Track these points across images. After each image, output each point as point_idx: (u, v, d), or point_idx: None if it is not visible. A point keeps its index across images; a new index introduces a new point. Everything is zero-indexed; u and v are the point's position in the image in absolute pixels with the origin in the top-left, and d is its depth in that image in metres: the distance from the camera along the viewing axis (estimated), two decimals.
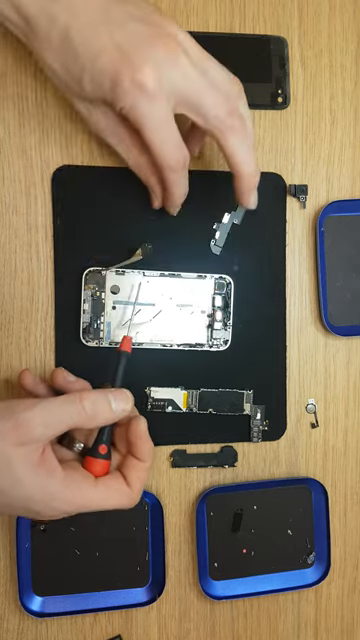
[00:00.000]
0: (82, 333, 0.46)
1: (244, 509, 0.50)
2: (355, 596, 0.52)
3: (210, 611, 0.50)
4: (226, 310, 0.48)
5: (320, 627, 0.52)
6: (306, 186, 0.50)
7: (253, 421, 0.49)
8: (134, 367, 0.46)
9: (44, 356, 0.47)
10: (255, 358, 0.49)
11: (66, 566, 0.48)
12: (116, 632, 0.49)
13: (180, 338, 0.48)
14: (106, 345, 0.47)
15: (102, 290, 0.46)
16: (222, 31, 0.49)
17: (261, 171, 0.49)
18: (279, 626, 0.51)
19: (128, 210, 0.47)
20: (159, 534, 0.48)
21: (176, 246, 0.48)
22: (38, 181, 0.47)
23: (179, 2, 0.48)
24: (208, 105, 0.38)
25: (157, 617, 0.50)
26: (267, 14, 0.49)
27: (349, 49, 0.50)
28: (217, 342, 0.48)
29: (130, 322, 0.46)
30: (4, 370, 0.47)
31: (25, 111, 0.46)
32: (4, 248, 0.47)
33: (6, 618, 0.48)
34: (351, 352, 0.51)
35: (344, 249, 0.51)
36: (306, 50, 0.50)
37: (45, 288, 0.47)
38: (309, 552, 0.51)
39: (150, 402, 0.48)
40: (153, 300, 0.47)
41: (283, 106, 0.50)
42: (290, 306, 0.50)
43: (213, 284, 0.48)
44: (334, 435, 0.51)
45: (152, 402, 0.48)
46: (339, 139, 0.51)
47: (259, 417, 0.49)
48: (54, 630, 0.48)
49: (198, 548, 0.49)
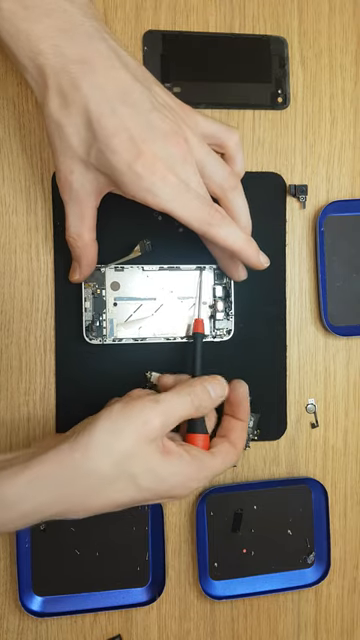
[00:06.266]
0: (85, 331, 0.46)
1: (244, 509, 0.50)
2: (355, 596, 0.52)
3: (210, 611, 0.50)
4: (227, 300, 0.48)
5: (320, 627, 0.52)
6: (306, 186, 0.50)
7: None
8: (139, 361, 0.47)
9: (44, 356, 0.47)
10: (255, 358, 0.49)
11: (66, 566, 0.48)
12: (116, 632, 0.49)
13: (183, 331, 0.48)
14: (110, 342, 0.47)
15: (102, 287, 0.47)
16: (222, 31, 0.49)
17: (261, 171, 0.50)
18: (279, 626, 0.51)
19: (126, 208, 0.47)
20: (159, 534, 0.48)
21: (174, 243, 0.48)
22: (38, 181, 0.47)
23: (179, 2, 0.48)
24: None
25: (157, 617, 0.50)
26: (267, 14, 0.49)
27: (349, 49, 0.51)
28: (220, 332, 0.48)
29: (198, 305, 0.48)
30: (4, 370, 0.47)
31: (25, 111, 0.46)
32: (4, 248, 0.47)
33: (6, 618, 0.48)
34: (351, 352, 0.51)
35: (344, 249, 0.51)
36: (306, 50, 0.50)
37: (45, 288, 0.47)
38: (309, 552, 0.51)
39: (148, 386, 0.48)
40: (154, 295, 0.47)
41: (283, 106, 0.50)
42: (290, 306, 0.50)
43: (213, 275, 0.48)
44: (334, 435, 0.51)
45: (150, 387, 0.48)
46: (339, 139, 0.51)
47: (251, 425, 0.49)
48: (54, 630, 0.48)
49: (198, 548, 0.49)
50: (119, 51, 0.38)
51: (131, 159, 0.37)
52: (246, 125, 0.49)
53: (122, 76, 0.37)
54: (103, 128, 0.37)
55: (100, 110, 0.37)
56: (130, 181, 0.38)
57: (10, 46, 0.37)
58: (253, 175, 0.49)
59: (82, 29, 0.37)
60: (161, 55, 0.48)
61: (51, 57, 0.36)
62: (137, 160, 0.37)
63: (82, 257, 0.43)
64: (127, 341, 0.47)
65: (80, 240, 0.42)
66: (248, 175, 0.47)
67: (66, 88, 0.37)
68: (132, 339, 0.47)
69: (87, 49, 0.37)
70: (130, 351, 0.48)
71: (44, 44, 0.36)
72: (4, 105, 0.46)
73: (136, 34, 0.48)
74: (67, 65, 0.36)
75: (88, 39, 0.37)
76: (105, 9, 0.47)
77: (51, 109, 0.37)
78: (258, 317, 0.49)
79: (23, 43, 0.36)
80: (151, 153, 0.37)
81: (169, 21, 0.48)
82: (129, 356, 0.48)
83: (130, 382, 0.47)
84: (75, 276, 0.44)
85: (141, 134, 0.37)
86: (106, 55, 0.37)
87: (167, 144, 0.38)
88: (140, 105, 0.38)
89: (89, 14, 0.38)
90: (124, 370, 0.48)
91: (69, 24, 0.37)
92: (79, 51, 0.37)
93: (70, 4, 0.37)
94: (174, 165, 0.38)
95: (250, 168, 0.49)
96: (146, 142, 0.37)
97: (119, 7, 0.48)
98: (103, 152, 0.37)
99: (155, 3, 0.48)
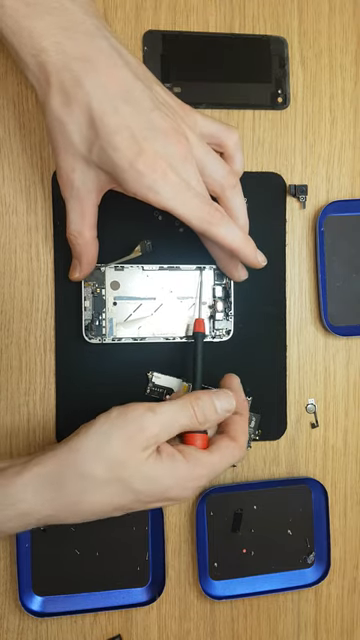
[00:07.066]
0: (84, 330, 0.46)
1: (244, 509, 0.50)
2: (355, 596, 0.52)
3: (210, 611, 0.50)
4: (227, 300, 0.48)
5: (320, 627, 0.52)
6: (306, 186, 0.50)
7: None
8: (138, 361, 0.47)
9: (44, 356, 0.47)
10: (255, 358, 0.49)
11: (66, 566, 0.48)
12: (116, 632, 0.49)
13: (182, 330, 0.48)
14: (109, 341, 0.47)
15: (102, 287, 0.47)
16: (222, 31, 0.49)
17: (261, 171, 0.50)
18: (279, 626, 0.51)
19: (127, 207, 0.47)
20: (159, 534, 0.48)
21: (174, 243, 0.48)
22: (38, 181, 0.47)
23: (179, 2, 0.48)
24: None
25: (157, 617, 0.50)
26: (267, 14, 0.49)
27: (349, 49, 0.51)
28: (220, 332, 0.48)
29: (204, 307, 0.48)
30: (4, 370, 0.47)
31: (25, 111, 0.46)
32: (4, 248, 0.47)
33: (6, 618, 0.48)
34: (351, 352, 0.51)
35: (344, 249, 0.51)
36: (306, 50, 0.50)
37: (45, 288, 0.47)
38: (309, 552, 0.51)
39: (150, 387, 0.48)
40: (153, 294, 0.47)
41: (283, 106, 0.50)
42: (290, 306, 0.50)
43: (213, 275, 0.48)
44: (334, 435, 0.51)
45: (152, 387, 0.48)
46: (339, 139, 0.51)
47: (252, 425, 0.49)
48: (54, 630, 0.48)
49: (198, 548, 0.49)
50: (120, 49, 0.38)
51: (133, 157, 0.37)
52: (246, 125, 0.49)
53: (124, 74, 0.38)
54: (105, 126, 0.37)
55: (102, 108, 0.37)
56: (131, 179, 0.38)
57: (13, 43, 0.37)
58: (253, 175, 0.49)
59: (83, 27, 0.37)
60: (161, 55, 0.48)
61: (53, 54, 0.36)
62: (138, 158, 0.37)
63: (82, 255, 0.43)
64: (126, 340, 0.47)
65: (81, 238, 0.42)
66: (248, 175, 0.47)
67: (68, 86, 0.37)
68: (131, 339, 0.47)
69: (89, 47, 0.37)
70: (129, 351, 0.48)
71: (46, 41, 0.36)
72: (4, 105, 0.46)
73: (136, 34, 0.48)
74: (69, 63, 0.37)
75: (90, 37, 0.37)
76: (105, 9, 0.47)
77: (53, 106, 0.37)
78: (258, 317, 0.49)
79: (26, 40, 0.36)
80: (152, 151, 0.37)
81: (169, 21, 0.48)
82: (128, 356, 0.48)
83: (129, 381, 0.47)
84: (75, 274, 0.44)
85: (142, 132, 0.37)
86: (108, 53, 0.37)
87: (168, 143, 0.38)
88: (141, 104, 0.38)
89: (90, 12, 0.38)
90: (123, 370, 0.48)
91: (70, 22, 0.37)
92: (81, 49, 0.37)
93: (71, 2, 0.37)
94: (175, 163, 0.38)
95: (250, 168, 0.49)
96: (147, 140, 0.37)
97: (119, 7, 0.48)
98: (105, 150, 0.37)
99: (155, 3, 0.48)
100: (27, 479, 0.37)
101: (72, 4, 0.37)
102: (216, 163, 0.41)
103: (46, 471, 0.37)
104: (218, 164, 0.41)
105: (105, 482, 0.37)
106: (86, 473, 0.37)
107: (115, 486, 0.38)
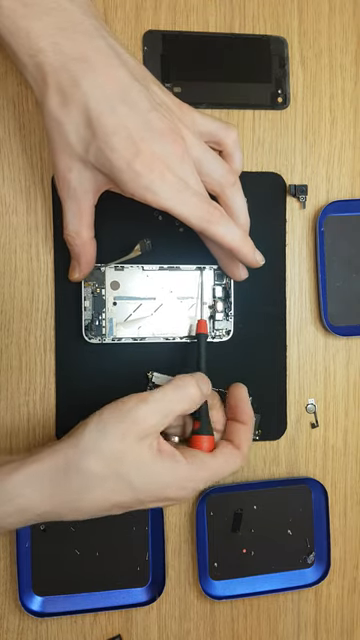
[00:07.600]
0: (84, 330, 0.46)
1: (244, 509, 0.50)
2: (355, 596, 0.52)
3: (210, 611, 0.50)
4: (227, 301, 0.48)
5: (320, 627, 0.52)
6: (306, 186, 0.50)
7: None
8: (138, 361, 0.47)
9: (44, 356, 0.47)
10: (255, 358, 0.49)
11: (66, 566, 0.48)
12: (116, 632, 0.49)
13: (182, 331, 0.48)
14: (109, 341, 0.47)
15: (102, 286, 0.47)
16: (222, 31, 0.49)
17: (261, 171, 0.50)
18: (279, 626, 0.51)
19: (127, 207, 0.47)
20: (159, 534, 0.48)
21: (174, 243, 0.48)
22: (38, 181, 0.47)
23: (179, 2, 0.48)
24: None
25: (157, 617, 0.50)
26: (267, 14, 0.49)
27: (349, 49, 0.51)
28: (219, 333, 0.48)
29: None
30: (4, 370, 0.47)
31: (25, 111, 0.46)
32: (4, 248, 0.47)
33: (6, 618, 0.48)
34: (351, 352, 0.51)
35: (344, 249, 0.51)
36: (306, 50, 0.50)
37: (45, 288, 0.47)
38: (309, 552, 0.51)
39: (150, 387, 0.48)
40: (153, 294, 0.47)
41: (283, 106, 0.50)
42: (290, 306, 0.50)
43: (213, 275, 0.48)
44: (334, 435, 0.51)
45: (152, 387, 0.48)
46: (339, 139, 0.51)
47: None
48: (54, 630, 0.48)
49: (198, 548, 0.49)
50: (118, 49, 0.38)
51: (130, 157, 0.37)
52: (246, 125, 0.49)
53: (121, 75, 0.38)
54: (103, 126, 0.37)
55: (100, 108, 0.37)
56: (129, 179, 0.38)
57: (10, 44, 0.37)
58: (253, 175, 0.49)
59: (82, 27, 0.37)
60: (161, 55, 0.48)
61: (51, 55, 0.36)
62: (136, 158, 0.37)
63: (81, 255, 0.43)
64: (126, 340, 0.47)
65: (78, 238, 0.42)
66: (248, 175, 0.47)
67: (66, 86, 0.37)
68: (131, 338, 0.47)
69: (87, 47, 0.37)
70: (129, 350, 0.48)
71: (44, 42, 0.36)
72: (4, 105, 0.46)
73: (136, 34, 0.48)
74: (67, 63, 0.37)
75: (88, 37, 0.37)
76: (105, 9, 0.47)
77: (50, 107, 0.37)
78: (258, 317, 0.49)
79: (23, 41, 0.36)
80: (149, 152, 0.37)
81: (169, 21, 0.48)
82: (128, 355, 0.48)
83: (129, 381, 0.47)
84: (75, 275, 0.44)
85: (140, 133, 0.37)
86: (105, 53, 0.37)
87: (165, 143, 0.38)
88: (138, 104, 0.38)
89: (89, 13, 0.38)
90: (123, 369, 0.48)
91: (69, 22, 0.37)
92: (79, 49, 0.37)
93: (70, 3, 0.37)
94: (172, 163, 0.38)
95: (250, 168, 0.49)
96: (144, 141, 0.37)
97: (119, 7, 0.48)
98: (102, 150, 0.37)
99: (155, 3, 0.48)
100: (25, 475, 0.37)
101: (71, 4, 0.37)
102: (214, 162, 0.41)
103: (44, 467, 0.37)
104: (216, 163, 0.41)
105: (103, 478, 0.37)
106: (84, 469, 0.37)
107: (113, 482, 0.38)
